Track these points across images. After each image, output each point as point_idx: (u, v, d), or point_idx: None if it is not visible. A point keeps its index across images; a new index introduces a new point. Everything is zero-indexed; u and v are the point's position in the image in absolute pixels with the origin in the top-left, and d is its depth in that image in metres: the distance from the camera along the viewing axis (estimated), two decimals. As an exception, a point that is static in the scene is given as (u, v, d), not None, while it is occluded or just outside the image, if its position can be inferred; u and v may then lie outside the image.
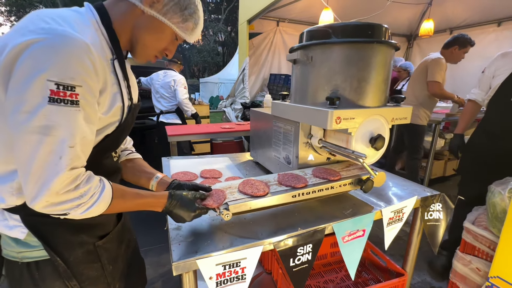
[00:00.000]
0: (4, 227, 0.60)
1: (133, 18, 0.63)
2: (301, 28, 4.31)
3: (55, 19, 0.51)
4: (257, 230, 0.80)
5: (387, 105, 0.96)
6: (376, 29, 0.86)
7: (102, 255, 0.70)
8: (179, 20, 0.66)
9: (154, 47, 0.68)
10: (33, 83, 0.46)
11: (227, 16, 25.15)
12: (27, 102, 0.46)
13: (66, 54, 0.48)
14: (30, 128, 0.47)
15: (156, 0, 0.62)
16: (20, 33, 0.47)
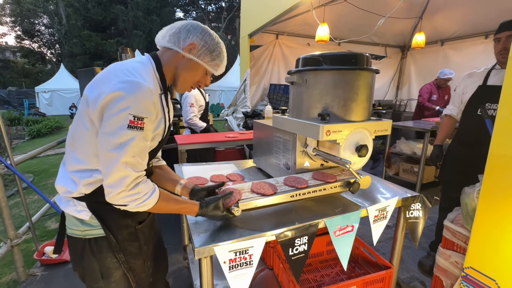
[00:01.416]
0: (74, 211, 0.83)
1: (176, 61, 0.86)
2: (299, 41, 4.55)
3: (131, 71, 0.75)
4: (262, 224, 0.96)
5: (371, 119, 1.13)
6: (359, 58, 1.04)
7: (139, 237, 0.92)
8: (209, 60, 0.87)
9: (191, 81, 0.90)
10: (120, 115, 0.71)
11: (227, 25, 25.75)
12: (113, 127, 0.71)
13: (140, 97, 0.72)
14: (112, 144, 0.71)
15: (193, 47, 0.84)
16: (112, 83, 0.72)
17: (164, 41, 0.86)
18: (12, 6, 23.24)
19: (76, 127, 0.81)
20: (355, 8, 3.63)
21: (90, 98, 0.73)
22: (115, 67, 0.77)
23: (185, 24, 0.86)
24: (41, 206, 3.51)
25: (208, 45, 0.85)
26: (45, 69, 24.94)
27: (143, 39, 19.48)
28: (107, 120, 0.71)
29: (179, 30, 0.85)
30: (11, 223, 1.63)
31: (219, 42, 0.89)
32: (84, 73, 3.22)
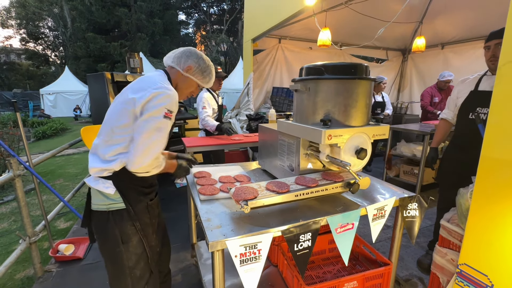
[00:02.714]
0: (103, 187, 1.07)
1: (178, 77, 1.20)
2: (301, 45, 4.64)
3: (162, 82, 1.07)
4: (268, 221, 1.04)
5: (369, 124, 1.22)
6: (358, 68, 1.13)
7: (150, 211, 1.17)
8: (201, 78, 1.22)
9: (186, 92, 1.25)
10: (160, 107, 1.01)
11: (229, 27, 25.89)
12: (155, 115, 1.00)
13: (172, 98, 1.04)
14: (153, 126, 1.00)
15: (189, 68, 1.18)
16: (152, 87, 1.03)
17: (169, 62, 1.19)
18: (17, 9, 23.59)
19: (118, 120, 1.04)
20: (356, 13, 3.72)
21: (137, 99, 1.00)
22: (150, 79, 1.08)
23: (186, 50, 1.19)
24: (49, 205, 3.60)
25: (201, 67, 1.19)
26: (49, 71, 25.23)
27: (146, 41, 19.66)
28: (150, 110, 0.99)
29: (181, 55, 1.18)
30: (29, 221, 1.72)
31: (210, 64, 1.22)
32: (94, 78, 3.33)
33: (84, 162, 6.30)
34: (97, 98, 3.34)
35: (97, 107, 3.45)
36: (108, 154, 1.05)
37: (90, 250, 2.22)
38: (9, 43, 26.78)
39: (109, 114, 1.09)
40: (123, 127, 1.03)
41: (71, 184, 4.86)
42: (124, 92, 1.08)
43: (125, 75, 3.04)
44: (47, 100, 15.46)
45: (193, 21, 27.88)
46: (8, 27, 24.87)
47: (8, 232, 3.26)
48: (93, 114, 3.62)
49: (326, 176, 1.21)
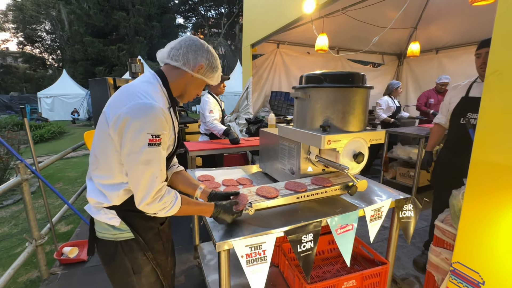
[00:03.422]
0: (106, 218, 0.93)
1: (185, 79, 0.96)
2: (299, 50, 4.73)
3: (143, 93, 0.82)
4: (272, 222, 1.10)
5: (366, 129, 1.28)
6: (356, 77, 1.19)
7: (162, 236, 1.03)
8: (211, 75, 0.99)
9: (194, 94, 1.03)
10: (140, 136, 0.79)
11: (227, 31, 26.08)
12: (136, 147, 0.79)
13: (154, 117, 0.80)
14: (138, 161, 0.80)
15: (201, 68, 0.95)
16: (126, 106, 0.79)
17: (168, 59, 0.93)
18: (14, 13, 23.56)
19: (98, 145, 0.88)
20: (353, 19, 3.82)
21: (110, 120, 0.81)
22: (127, 90, 0.84)
23: (189, 43, 0.93)
24: (51, 209, 3.62)
25: (211, 64, 0.96)
26: (46, 74, 25.15)
27: (144, 45, 19.75)
28: (130, 140, 0.78)
29: (187, 50, 0.92)
30: (36, 225, 1.76)
31: (216, 56, 0.99)
32: (95, 83, 3.37)
33: (82, 165, 6.30)
34: (99, 103, 3.37)
35: (98, 112, 3.48)
36: (99, 182, 0.90)
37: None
38: (5, 46, 26.72)
39: (95, 132, 0.92)
40: (104, 151, 0.86)
41: (71, 187, 4.87)
42: (103, 109, 0.88)
43: (127, 80, 3.09)
44: (44, 104, 15.41)
45: (191, 25, 28.02)
46: (5, 30, 24.79)
47: (9, 236, 3.28)
48: (95, 119, 3.65)
49: (316, 181, 1.26)
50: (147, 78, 0.91)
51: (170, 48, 0.94)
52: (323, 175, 1.36)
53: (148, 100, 0.80)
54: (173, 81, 0.95)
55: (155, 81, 0.91)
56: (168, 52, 0.94)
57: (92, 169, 0.92)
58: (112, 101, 0.85)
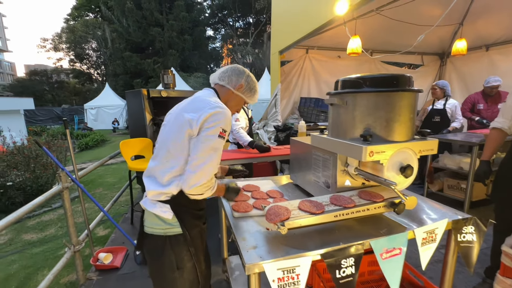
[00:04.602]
0: (160, 212, 1.06)
1: (229, 95, 1.23)
2: (329, 54, 4.57)
3: (216, 101, 1.10)
4: (306, 243, 0.99)
5: (415, 138, 1.12)
6: (401, 79, 1.05)
7: (203, 235, 1.18)
8: (249, 95, 1.26)
9: (235, 109, 1.29)
10: (215, 128, 1.02)
11: (255, 40, 26.57)
12: (211, 135, 1.01)
13: (227, 117, 1.06)
14: (209, 147, 1.01)
15: (240, 87, 1.22)
16: (208, 107, 1.04)
17: (218, 80, 1.22)
18: (67, 35, 26.62)
19: (172, 141, 1.06)
20: (388, 19, 3.58)
21: (194, 119, 1.02)
22: (203, 99, 1.09)
23: (235, 69, 1.23)
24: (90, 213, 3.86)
25: (249, 85, 1.24)
26: (92, 88, 27.89)
27: (176, 57, 20.89)
28: (206, 130, 1.01)
29: (231, 73, 1.22)
30: (75, 231, 1.84)
31: (255, 81, 1.26)
32: (132, 94, 3.56)
33: (120, 172, 6.71)
34: (134, 113, 3.56)
35: (134, 121, 3.66)
36: (165, 177, 1.05)
37: (126, 260, 2.31)
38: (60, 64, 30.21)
39: (164, 136, 1.10)
40: (180, 149, 1.04)
41: (110, 192, 5.18)
42: (179, 114, 1.08)
43: (159, 91, 3.22)
44: (89, 114, 16.98)
45: (220, 36, 29.06)
46: (59, 50, 28.13)
47: (55, 237, 3.54)
48: (131, 128, 3.85)
49: (363, 195, 1.13)
50: (211, 92, 1.19)
51: (220, 72, 1.24)
52: (368, 189, 1.21)
53: (222, 105, 1.08)
54: (222, 96, 1.21)
55: (215, 95, 1.17)
56: (218, 76, 1.23)
57: (161, 163, 1.08)
58: (191, 106, 1.08)
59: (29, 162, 4.69)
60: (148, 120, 3.14)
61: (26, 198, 4.48)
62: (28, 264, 2.82)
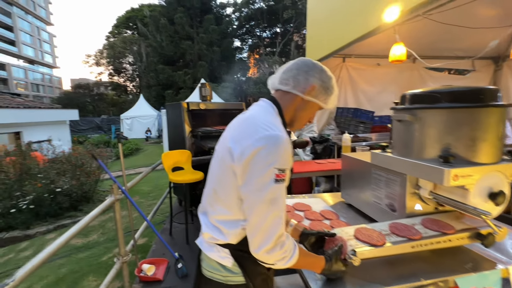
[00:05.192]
0: (218, 257, 0.87)
1: (296, 104, 0.90)
2: (367, 62, 4.41)
3: (268, 125, 0.78)
4: (379, 275, 0.90)
5: (504, 159, 0.99)
6: (487, 92, 0.94)
7: (269, 282, 0.94)
8: (324, 97, 0.91)
9: (306, 119, 0.96)
10: (267, 171, 0.74)
11: (282, 49, 26.84)
12: (262, 183, 0.74)
13: (282, 150, 0.75)
14: (263, 200, 0.74)
15: (312, 89, 0.88)
16: (253, 138, 0.76)
17: (280, 85, 0.91)
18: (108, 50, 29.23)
19: (218, 179, 0.86)
20: (435, 23, 3.36)
21: (236, 153, 0.78)
22: (251, 121, 0.82)
23: (301, 64, 0.90)
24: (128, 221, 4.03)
25: (325, 84, 0.90)
26: (127, 99, 30.09)
27: (205, 68, 21.77)
28: (255, 176, 0.74)
29: (298, 72, 0.89)
30: (123, 243, 1.91)
31: (331, 77, 0.92)
32: (172, 107, 3.72)
33: (154, 180, 7.00)
34: (174, 125, 3.70)
35: (173, 133, 3.80)
36: (216, 218, 0.87)
37: (168, 273, 2.34)
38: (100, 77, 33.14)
39: (211, 170, 0.92)
40: (225, 186, 0.83)
41: (145, 201, 5.41)
42: (224, 136, 0.89)
43: (198, 103, 3.32)
44: (125, 124, 18.19)
45: (247, 47, 29.83)
46: (100, 65, 30.95)
47: (98, 243, 3.74)
48: (170, 141, 3.99)
49: (429, 224, 1.01)
50: (266, 108, 0.88)
51: (281, 72, 0.91)
52: (435, 215, 1.09)
53: (274, 131, 0.77)
54: (285, 107, 0.90)
55: (272, 110, 0.88)
56: (279, 77, 0.91)
57: (209, 203, 0.90)
58: (236, 133, 0.83)
59: (75, 170, 5.09)
60: (187, 132, 3.24)
61: (72, 203, 4.84)
62: (75, 269, 3.00)
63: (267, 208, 0.74)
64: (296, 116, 0.92)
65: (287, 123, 0.91)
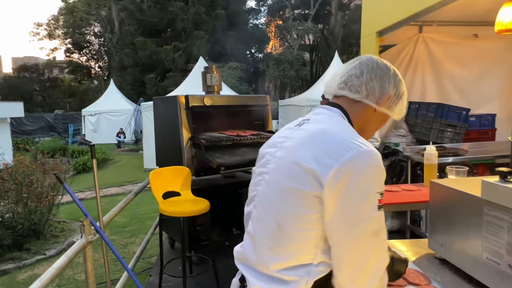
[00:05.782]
0: None
1: (367, 115, 1.06)
2: (458, 33, 4.35)
3: (356, 139, 0.88)
4: None
5: None
6: None
7: None
8: (398, 107, 1.08)
9: (373, 133, 1.14)
10: (368, 197, 0.84)
11: (317, 11, 26.91)
12: (364, 212, 0.84)
13: (381, 170, 0.87)
14: (366, 233, 0.84)
15: (388, 98, 1.04)
16: (343, 158, 0.83)
17: (347, 91, 1.05)
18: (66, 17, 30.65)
19: (283, 210, 0.93)
20: None
21: (322, 176, 0.84)
22: (336, 136, 0.91)
23: (373, 67, 1.05)
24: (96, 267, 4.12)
25: (399, 92, 1.07)
26: (91, 86, 31.24)
27: (204, 41, 22.19)
28: (353, 204, 0.84)
29: (370, 77, 1.03)
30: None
31: (403, 81, 1.09)
32: (162, 102, 3.81)
33: (131, 207, 7.16)
34: (165, 129, 3.76)
35: (164, 141, 3.86)
36: (278, 267, 0.92)
37: None
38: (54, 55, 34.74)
39: (264, 197, 1.00)
40: (300, 219, 0.89)
41: (119, 238, 5.54)
42: (288, 157, 0.96)
43: (202, 98, 3.36)
44: (88, 123, 18.86)
45: (265, 8, 30.15)
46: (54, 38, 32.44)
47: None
48: (159, 151, 4.04)
49: None
50: (338, 118, 1.02)
51: (346, 76, 1.06)
52: None
53: (367, 147, 0.87)
54: (354, 119, 1.03)
55: (345, 120, 1.02)
56: (344, 81, 1.05)
57: (267, 247, 0.96)
58: (311, 148, 0.92)
59: (21, 191, 5.27)
60: (185, 139, 3.29)
61: (16, 240, 5.01)
62: None
63: (371, 242, 0.85)
64: (364, 129, 1.06)
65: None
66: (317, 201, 0.85)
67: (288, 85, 25.77)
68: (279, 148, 1.00)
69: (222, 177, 3.67)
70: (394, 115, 1.09)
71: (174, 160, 3.40)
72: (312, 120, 1.02)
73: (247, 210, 1.09)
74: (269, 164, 1.01)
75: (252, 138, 3.65)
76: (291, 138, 0.99)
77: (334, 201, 0.83)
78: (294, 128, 1.03)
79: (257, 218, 1.01)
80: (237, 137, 3.55)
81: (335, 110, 1.02)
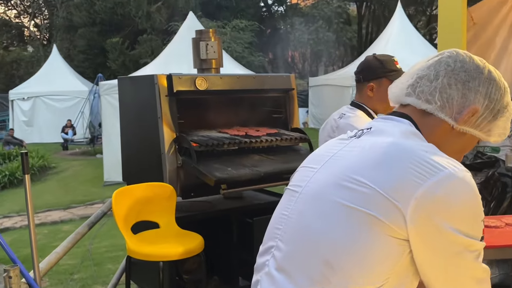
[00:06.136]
0: None
1: (440, 132, 1.13)
2: None
3: (439, 154, 0.98)
4: None
5: None
6: None
7: None
8: (489, 126, 1.13)
9: (456, 156, 1.11)
10: (472, 230, 0.94)
11: None
12: (464, 250, 0.94)
13: (477, 194, 0.95)
14: (470, 275, 0.99)
15: (472, 113, 1.08)
16: (427, 183, 0.91)
17: (414, 98, 1.13)
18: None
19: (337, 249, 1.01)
20: None
21: (403, 207, 0.92)
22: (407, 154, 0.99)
23: (455, 68, 1.11)
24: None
25: (492, 104, 1.11)
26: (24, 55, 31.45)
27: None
28: (451, 241, 0.93)
29: (449, 82, 1.10)
30: None
31: (503, 87, 1.13)
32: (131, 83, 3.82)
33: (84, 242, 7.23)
34: (136, 124, 3.77)
35: (134, 143, 3.91)
36: None
37: None
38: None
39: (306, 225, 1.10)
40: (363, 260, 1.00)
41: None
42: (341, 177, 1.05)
43: (193, 79, 3.33)
44: (19, 111, 18.91)
45: None
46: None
47: None
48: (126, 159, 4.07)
49: None
50: (410, 129, 1.10)
51: (416, 76, 1.15)
52: None
53: (460, 166, 0.96)
54: (425, 137, 1.09)
55: (420, 134, 1.09)
56: (412, 84, 1.14)
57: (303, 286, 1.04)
58: (379, 168, 1.00)
59: None
60: (167, 142, 3.31)
61: None
62: None
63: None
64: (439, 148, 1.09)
65: None
66: (389, 234, 0.94)
67: (324, 55, 25.67)
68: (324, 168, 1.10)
69: (223, 198, 3.70)
70: (487, 137, 1.15)
71: (150, 173, 3.42)
72: (375, 131, 1.11)
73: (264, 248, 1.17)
74: (303, 173, 1.15)
75: (268, 139, 3.63)
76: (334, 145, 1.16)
77: (418, 237, 0.93)
78: (349, 140, 1.14)
79: (288, 252, 1.09)
80: (245, 139, 3.56)
81: (404, 121, 1.11)
